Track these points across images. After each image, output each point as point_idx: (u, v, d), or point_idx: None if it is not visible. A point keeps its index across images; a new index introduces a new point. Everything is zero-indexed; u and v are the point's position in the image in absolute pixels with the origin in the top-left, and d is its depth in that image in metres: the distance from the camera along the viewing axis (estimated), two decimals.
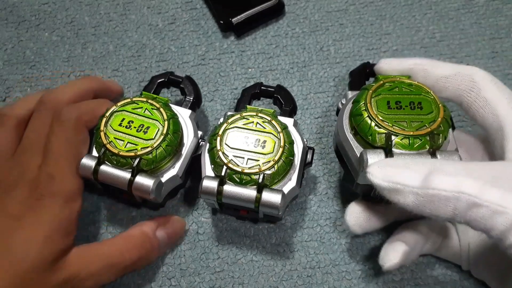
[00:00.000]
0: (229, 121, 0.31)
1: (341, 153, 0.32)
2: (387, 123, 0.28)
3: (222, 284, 0.34)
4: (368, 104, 0.29)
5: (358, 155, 0.29)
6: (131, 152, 0.30)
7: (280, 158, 0.30)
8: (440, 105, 0.29)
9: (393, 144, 0.27)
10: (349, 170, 0.31)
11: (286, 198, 0.30)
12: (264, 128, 0.31)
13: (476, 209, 0.22)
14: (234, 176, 0.29)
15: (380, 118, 0.28)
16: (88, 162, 0.31)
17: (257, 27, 0.44)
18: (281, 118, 0.33)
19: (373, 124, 0.28)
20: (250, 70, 0.42)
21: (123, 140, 0.31)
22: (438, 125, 0.28)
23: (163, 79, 0.36)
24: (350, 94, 0.33)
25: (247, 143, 0.30)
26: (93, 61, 0.43)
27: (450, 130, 0.30)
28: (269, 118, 0.31)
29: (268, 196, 0.29)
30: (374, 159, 0.27)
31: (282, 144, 0.30)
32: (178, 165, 0.32)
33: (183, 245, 0.35)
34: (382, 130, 0.28)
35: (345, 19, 0.44)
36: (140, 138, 0.31)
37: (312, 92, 0.41)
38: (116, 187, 0.31)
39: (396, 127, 0.28)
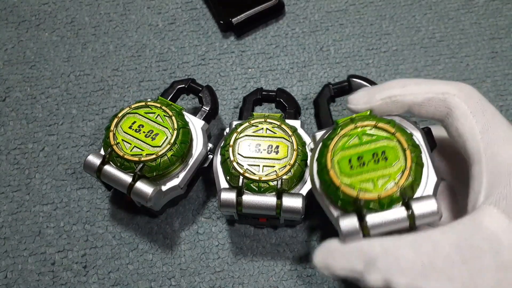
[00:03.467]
0: (238, 130, 0.31)
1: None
2: (352, 189, 0.26)
3: (222, 284, 0.34)
4: (331, 171, 0.26)
5: (335, 216, 0.27)
6: (136, 157, 0.30)
7: (295, 161, 0.30)
8: (406, 147, 0.26)
9: (363, 207, 0.26)
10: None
11: (306, 201, 0.30)
12: (275, 133, 0.31)
13: None
14: (251, 185, 0.29)
15: (345, 182, 0.26)
16: (93, 160, 0.31)
17: (257, 27, 0.44)
18: (287, 121, 0.33)
19: (339, 191, 0.26)
20: (250, 70, 0.42)
21: (130, 143, 0.31)
22: (406, 177, 0.26)
23: (183, 85, 0.36)
24: (317, 135, 0.31)
25: (260, 150, 0.30)
26: (93, 61, 0.43)
27: (426, 158, 0.27)
28: (278, 123, 0.31)
29: (289, 201, 0.29)
30: (348, 227, 0.25)
31: (295, 147, 0.30)
32: (182, 175, 0.32)
33: (183, 245, 0.35)
34: (349, 198, 0.26)
35: (345, 19, 0.44)
36: (147, 143, 0.31)
37: (312, 92, 0.41)
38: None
39: (362, 192, 0.26)
